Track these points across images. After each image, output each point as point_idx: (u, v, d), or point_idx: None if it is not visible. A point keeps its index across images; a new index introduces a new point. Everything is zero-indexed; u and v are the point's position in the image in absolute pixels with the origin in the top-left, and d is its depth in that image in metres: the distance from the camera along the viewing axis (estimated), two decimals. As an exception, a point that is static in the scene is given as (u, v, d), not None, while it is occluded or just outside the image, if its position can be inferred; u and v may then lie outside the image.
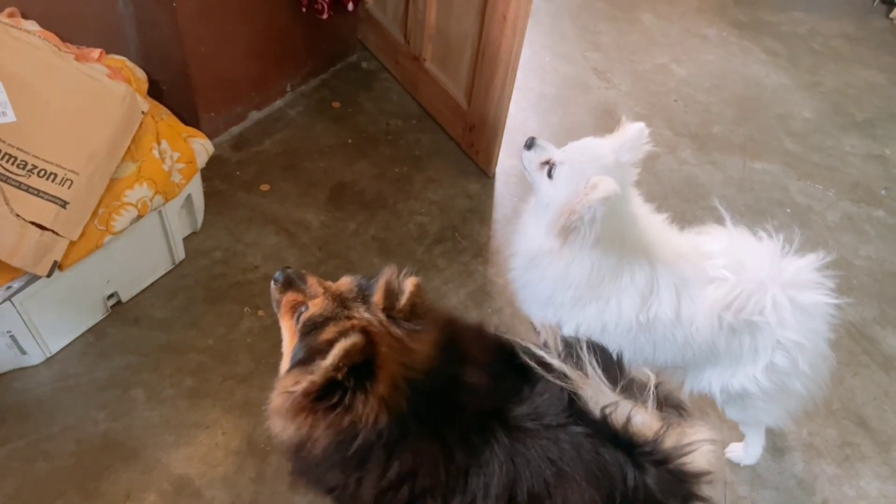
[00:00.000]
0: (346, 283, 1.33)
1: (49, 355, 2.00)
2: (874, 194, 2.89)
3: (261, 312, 2.17)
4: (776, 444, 2.08)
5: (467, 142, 2.72)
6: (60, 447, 1.85)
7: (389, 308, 1.26)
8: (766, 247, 1.57)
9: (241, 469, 1.86)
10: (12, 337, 1.87)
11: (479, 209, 2.59)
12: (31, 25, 2.00)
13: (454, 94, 2.68)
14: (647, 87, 3.19)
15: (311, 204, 2.51)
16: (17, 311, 1.82)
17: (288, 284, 1.38)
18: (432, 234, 2.49)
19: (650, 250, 1.63)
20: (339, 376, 1.14)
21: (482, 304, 2.30)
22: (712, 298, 1.57)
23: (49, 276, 1.76)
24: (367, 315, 1.24)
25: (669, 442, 1.25)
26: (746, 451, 1.99)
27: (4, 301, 1.77)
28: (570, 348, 1.35)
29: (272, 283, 1.40)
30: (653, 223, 1.67)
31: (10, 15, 2.02)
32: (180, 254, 2.25)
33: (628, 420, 1.25)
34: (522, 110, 2.96)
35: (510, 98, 2.44)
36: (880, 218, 2.79)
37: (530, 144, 1.69)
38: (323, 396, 1.16)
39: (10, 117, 1.72)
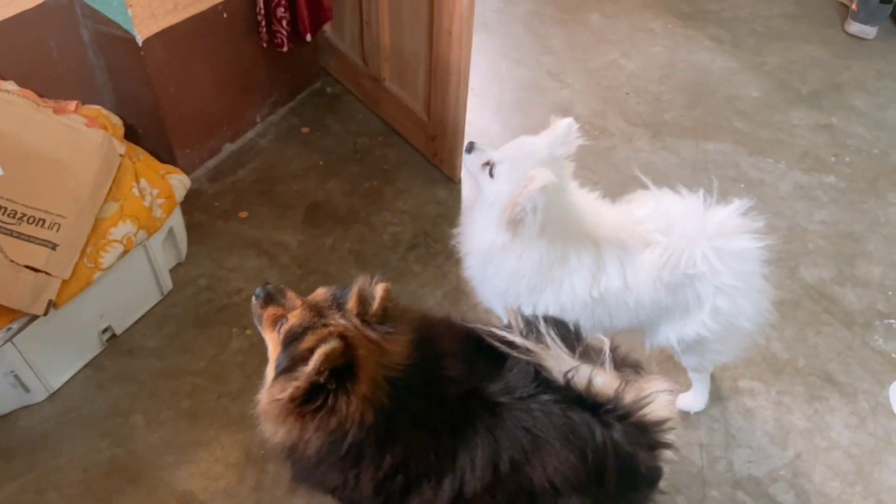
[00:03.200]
0: (321, 293, 1.41)
1: (51, 391, 2.10)
2: (824, 162, 3.02)
3: (248, 331, 2.27)
4: (747, 406, 2.18)
5: (431, 152, 2.85)
6: (68, 477, 1.94)
7: (363, 313, 1.34)
8: (689, 204, 1.70)
9: (242, 480, 1.96)
10: (16, 376, 1.97)
11: (448, 214, 2.71)
12: (10, 85, 2.12)
13: (414, 108, 2.81)
14: (599, 83, 3.34)
15: (288, 225, 2.63)
16: (18, 351, 1.92)
17: (269, 300, 1.47)
18: (405, 241, 2.61)
19: (591, 230, 1.75)
20: (322, 380, 1.23)
21: (458, 303, 2.41)
22: (650, 261, 1.70)
23: (45, 314, 1.87)
24: (343, 321, 1.33)
25: (629, 397, 1.36)
26: (695, 398, 2.13)
27: (6, 342, 1.87)
28: (530, 325, 1.47)
29: (253, 298, 1.49)
30: (589, 204, 1.79)
31: (-12, 77, 2.14)
32: (168, 284, 2.36)
33: (589, 382, 1.35)
34: (483, 117, 3.10)
35: (465, 106, 2.58)
36: (831, 183, 2.92)
37: (470, 149, 1.79)
38: (308, 400, 1.26)
39: (-2, 171, 1.84)
